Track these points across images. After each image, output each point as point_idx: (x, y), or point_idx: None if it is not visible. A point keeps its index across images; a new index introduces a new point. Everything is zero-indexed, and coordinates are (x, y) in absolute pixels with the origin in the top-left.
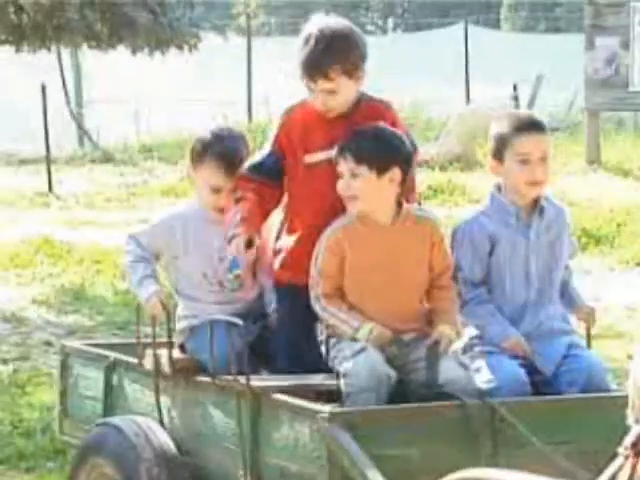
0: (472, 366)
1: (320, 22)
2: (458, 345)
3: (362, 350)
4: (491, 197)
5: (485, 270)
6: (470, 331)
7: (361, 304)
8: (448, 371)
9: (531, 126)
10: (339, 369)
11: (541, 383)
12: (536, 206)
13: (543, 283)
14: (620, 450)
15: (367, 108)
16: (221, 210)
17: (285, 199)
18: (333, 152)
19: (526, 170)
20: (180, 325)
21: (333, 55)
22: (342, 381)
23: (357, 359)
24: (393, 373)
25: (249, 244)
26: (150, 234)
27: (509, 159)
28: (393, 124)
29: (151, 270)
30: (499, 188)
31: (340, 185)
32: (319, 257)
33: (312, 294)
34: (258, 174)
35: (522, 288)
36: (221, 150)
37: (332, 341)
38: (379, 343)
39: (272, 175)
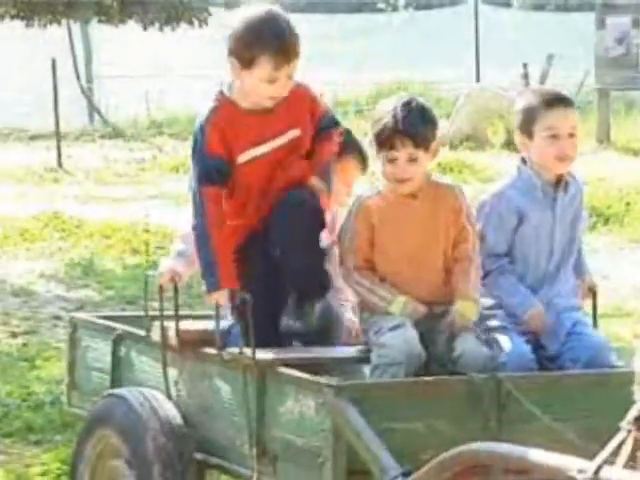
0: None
1: None
2: (474, 319)
3: (400, 325)
4: (518, 171)
5: (509, 243)
6: (485, 303)
7: (392, 275)
8: (463, 344)
9: (560, 100)
10: (374, 340)
11: (545, 358)
12: (561, 180)
13: (563, 256)
14: (623, 425)
15: (287, 98)
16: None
17: None
18: (263, 148)
19: (555, 145)
20: None
21: None
22: (375, 352)
23: (395, 333)
24: (424, 353)
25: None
26: None
27: (538, 134)
28: (312, 102)
29: (187, 248)
30: (524, 161)
31: (393, 170)
32: (348, 230)
33: (342, 270)
34: (218, 182)
35: (544, 261)
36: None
37: (365, 315)
38: (413, 317)
39: (224, 180)
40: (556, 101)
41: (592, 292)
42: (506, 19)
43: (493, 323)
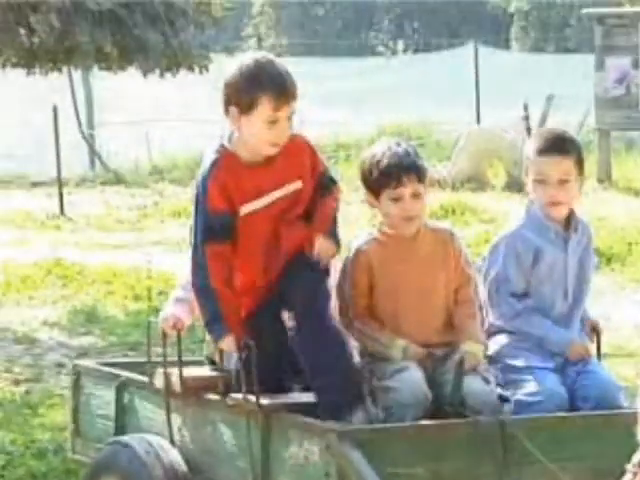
0: (500, 379)
1: None
2: (483, 361)
3: (405, 368)
4: (527, 212)
5: (527, 282)
6: (497, 342)
7: (393, 319)
8: (470, 385)
9: (550, 148)
10: (377, 385)
11: None
12: (571, 221)
13: (575, 296)
14: (628, 467)
15: (286, 148)
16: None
17: None
18: (265, 199)
19: (544, 191)
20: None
21: None
22: (380, 397)
23: (401, 375)
24: (430, 394)
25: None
26: None
27: (530, 179)
28: (312, 155)
29: (187, 295)
30: (532, 203)
31: (399, 208)
32: (346, 280)
33: (343, 319)
34: (222, 238)
35: (560, 301)
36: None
37: (367, 360)
38: (414, 360)
39: (228, 235)
40: (546, 148)
41: (595, 332)
42: (505, 61)
43: (518, 363)
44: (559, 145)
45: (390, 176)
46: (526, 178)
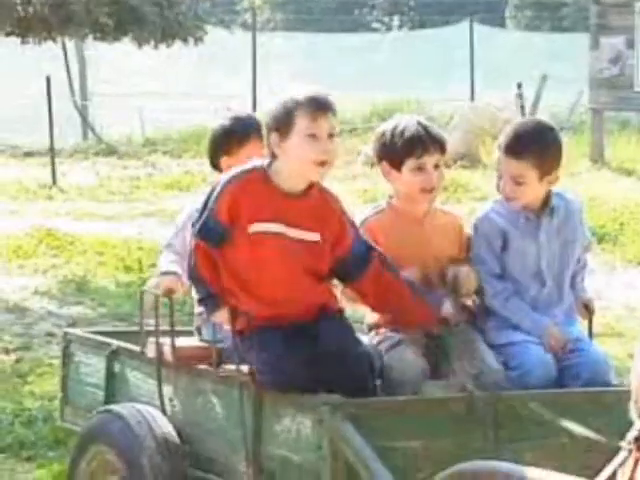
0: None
1: None
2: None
3: (397, 344)
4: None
5: (500, 265)
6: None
7: None
8: (484, 362)
9: (508, 149)
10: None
11: None
12: (546, 205)
13: (555, 282)
14: (623, 444)
15: (319, 195)
16: None
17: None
18: (281, 227)
19: (503, 184)
20: (199, 309)
21: None
22: (385, 373)
23: (391, 354)
24: (427, 366)
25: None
26: (180, 236)
27: (499, 170)
28: (341, 215)
29: (177, 258)
30: None
31: (421, 178)
32: None
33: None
34: (211, 243)
35: (534, 286)
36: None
37: (372, 334)
38: (413, 336)
39: (218, 243)
40: (505, 148)
41: (588, 310)
42: (500, 39)
43: (502, 340)
44: (516, 147)
45: (416, 145)
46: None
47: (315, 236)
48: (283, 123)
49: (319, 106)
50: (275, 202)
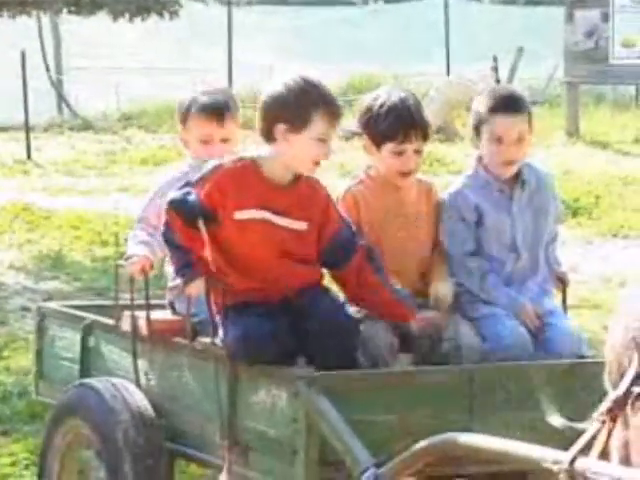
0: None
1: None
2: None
3: (364, 319)
4: (474, 169)
5: (475, 242)
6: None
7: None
8: (463, 337)
9: (507, 106)
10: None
11: None
12: (518, 178)
13: (530, 254)
14: (596, 416)
15: (307, 184)
16: None
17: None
18: (266, 214)
19: (500, 150)
20: (173, 283)
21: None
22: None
23: (367, 325)
24: (395, 340)
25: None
26: (153, 205)
27: (485, 138)
28: (328, 203)
29: (148, 238)
30: (480, 159)
31: (400, 162)
32: None
33: None
34: (193, 221)
35: (509, 260)
36: (205, 101)
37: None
38: None
39: (197, 221)
40: (502, 107)
41: (562, 283)
42: (476, 12)
43: (476, 314)
44: (513, 103)
45: (398, 130)
46: (475, 134)
47: (303, 225)
48: (297, 118)
49: (338, 113)
50: (262, 191)
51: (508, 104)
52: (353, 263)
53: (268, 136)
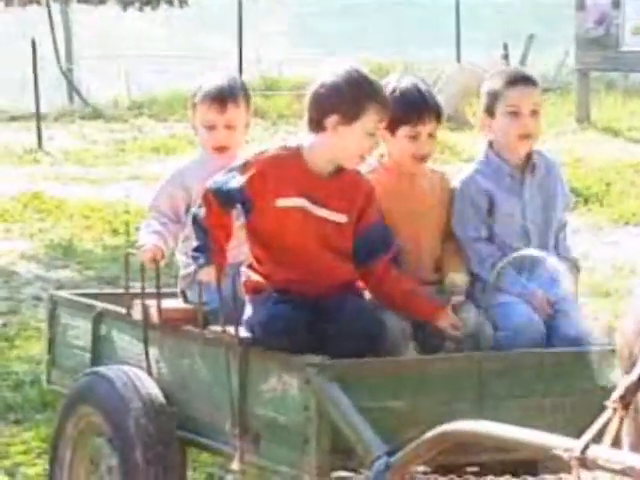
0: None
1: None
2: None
3: (376, 307)
4: (485, 155)
5: (488, 229)
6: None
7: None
8: (470, 323)
9: (522, 79)
10: None
11: None
12: (528, 163)
13: (540, 240)
14: (608, 403)
15: (351, 177)
16: (218, 149)
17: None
18: (306, 202)
19: (517, 122)
20: (184, 271)
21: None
22: None
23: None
24: (407, 326)
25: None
26: (165, 194)
27: (500, 112)
28: (368, 196)
29: (161, 227)
30: (491, 145)
31: (415, 146)
32: None
33: None
34: (229, 207)
35: (521, 245)
36: (208, 87)
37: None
38: None
39: (233, 209)
40: (517, 79)
41: (575, 268)
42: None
43: (491, 301)
44: (528, 76)
45: (412, 113)
46: (485, 117)
47: (342, 217)
48: (351, 110)
49: (389, 108)
50: (304, 180)
51: (524, 76)
52: (381, 263)
53: (318, 126)
